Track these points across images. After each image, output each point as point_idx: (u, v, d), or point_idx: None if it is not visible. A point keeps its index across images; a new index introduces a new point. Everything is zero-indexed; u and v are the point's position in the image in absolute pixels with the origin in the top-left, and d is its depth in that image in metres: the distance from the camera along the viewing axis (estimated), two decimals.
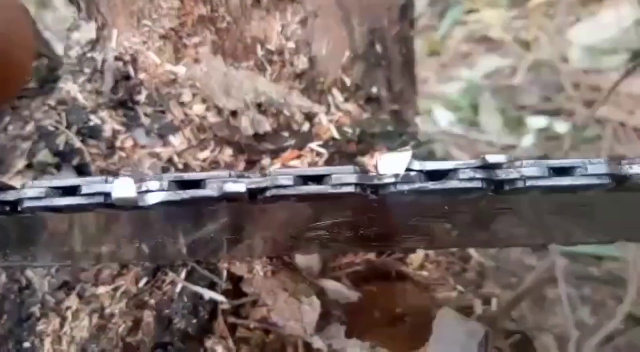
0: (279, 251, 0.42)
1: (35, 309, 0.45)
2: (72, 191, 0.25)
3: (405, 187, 0.24)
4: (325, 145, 0.47)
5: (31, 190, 0.25)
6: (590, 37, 1.50)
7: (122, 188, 0.24)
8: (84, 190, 0.25)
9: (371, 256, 0.46)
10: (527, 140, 1.44)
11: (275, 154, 0.46)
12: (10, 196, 0.26)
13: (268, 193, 0.24)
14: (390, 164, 0.24)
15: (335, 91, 0.52)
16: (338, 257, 0.46)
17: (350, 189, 0.24)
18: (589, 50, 1.53)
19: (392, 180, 0.24)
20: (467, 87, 1.70)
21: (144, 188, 0.25)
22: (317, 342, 0.39)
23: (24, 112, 0.50)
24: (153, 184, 0.24)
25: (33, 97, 0.51)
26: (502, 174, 0.24)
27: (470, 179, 0.24)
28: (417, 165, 0.24)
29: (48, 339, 0.44)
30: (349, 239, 0.37)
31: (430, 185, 0.24)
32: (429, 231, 0.40)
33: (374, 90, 0.55)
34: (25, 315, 0.46)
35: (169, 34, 0.46)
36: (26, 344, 0.44)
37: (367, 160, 0.51)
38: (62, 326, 0.44)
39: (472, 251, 0.54)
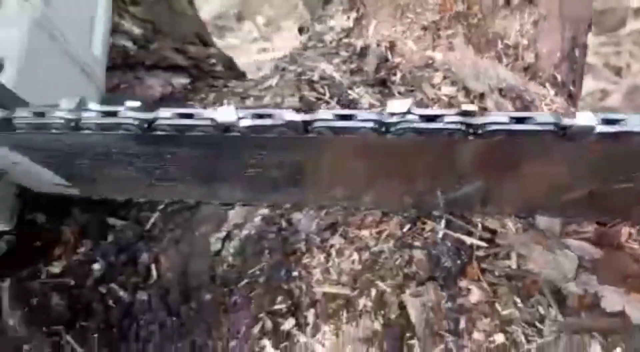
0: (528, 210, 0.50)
1: (300, 246, 0.54)
2: (187, 116, 0.38)
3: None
4: None
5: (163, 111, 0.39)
6: None
7: (225, 113, 0.36)
8: (197, 116, 0.37)
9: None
10: None
11: None
12: (143, 115, 0.39)
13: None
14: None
15: (548, 86, 0.60)
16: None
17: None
18: None
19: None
20: None
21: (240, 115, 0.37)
22: (571, 287, 0.46)
23: None
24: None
25: None
26: (477, 120, 0.35)
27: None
28: None
29: (316, 270, 0.52)
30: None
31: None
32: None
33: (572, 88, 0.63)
34: (289, 250, 0.55)
35: (430, 26, 0.55)
36: (294, 273, 0.53)
37: None
38: (327, 260, 0.53)
39: None
